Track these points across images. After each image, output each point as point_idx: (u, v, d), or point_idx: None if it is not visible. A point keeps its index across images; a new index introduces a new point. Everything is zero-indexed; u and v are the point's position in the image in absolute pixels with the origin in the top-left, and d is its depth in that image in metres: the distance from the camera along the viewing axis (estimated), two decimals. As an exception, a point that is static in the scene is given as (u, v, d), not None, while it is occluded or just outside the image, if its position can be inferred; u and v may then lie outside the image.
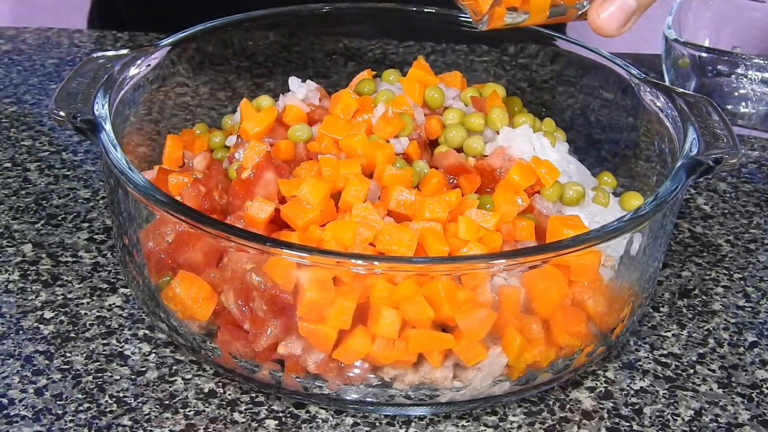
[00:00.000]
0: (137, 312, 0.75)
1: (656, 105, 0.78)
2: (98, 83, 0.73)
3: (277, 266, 0.61)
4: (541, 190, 0.72)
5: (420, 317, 0.61)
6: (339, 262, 0.60)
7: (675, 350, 0.74)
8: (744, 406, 0.70)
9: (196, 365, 0.70)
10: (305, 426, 0.66)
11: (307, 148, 0.73)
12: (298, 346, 0.63)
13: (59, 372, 0.69)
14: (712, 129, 0.73)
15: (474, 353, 0.63)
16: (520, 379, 0.65)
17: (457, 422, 0.67)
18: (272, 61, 0.97)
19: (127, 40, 1.15)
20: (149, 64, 0.79)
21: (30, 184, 0.89)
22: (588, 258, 0.64)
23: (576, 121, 0.90)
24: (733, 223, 0.89)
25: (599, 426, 0.67)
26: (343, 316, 0.61)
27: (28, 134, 0.96)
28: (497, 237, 0.66)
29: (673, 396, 0.70)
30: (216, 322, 0.66)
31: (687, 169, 0.68)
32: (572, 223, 0.67)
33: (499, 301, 0.62)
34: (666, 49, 1.05)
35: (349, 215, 0.66)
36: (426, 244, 0.64)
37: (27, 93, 1.04)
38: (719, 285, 0.81)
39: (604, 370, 0.72)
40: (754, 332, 0.76)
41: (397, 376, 0.64)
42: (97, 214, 0.85)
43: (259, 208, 0.66)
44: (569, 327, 0.65)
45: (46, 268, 0.79)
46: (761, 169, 0.98)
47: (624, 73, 0.82)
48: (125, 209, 0.69)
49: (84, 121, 0.69)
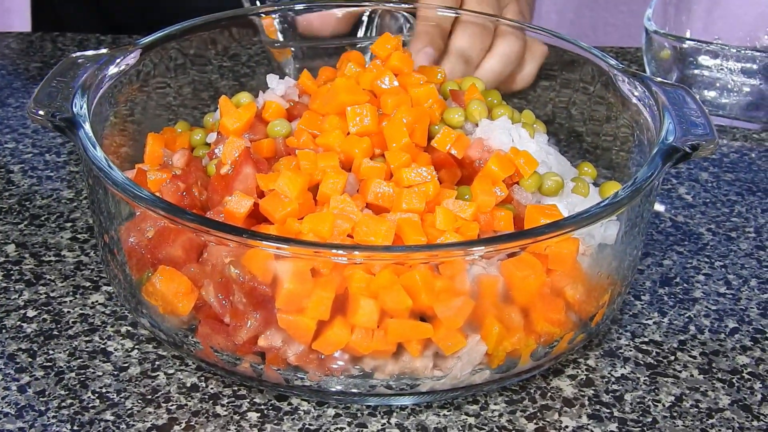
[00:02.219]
0: (120, 309, 0.75)
1: (634, 95, 0.78)
2: (77, 83, 0.74)
3: (254, 258, 0.61)
4: (520, 181, 0.72)
5: (398, 307, 0.61)
6: (317, 252, 0.60)
7: (656, 338, 0.74)
8: (724, 391, 0.70)
9: (178, 360, 0.70)
10: (287, 418, 0.66)
11: (285, 143, 0.74)
12: (278, 338, 0.64)
13: (42, 369, 0.69)
14: (689, 116, 0.73)
15: (453, 342, 0.63)
16: (501, 367, 0.65)
17: (438, 411, 0.67)
18: (255, 60, 0.97)
19: (110, 43, 1.16)
20: (128, 63, 0.80)
21: (13, 185, 0.89)
22: (566, 246, 0.64)
23: (557, 113, 0.90)
24: (715, 212, 0.90)
25: (580, 413, 0.67)
26: (322, 307, 0.61)
27: (11, 137, 0.97)
28: (474, 227, 0.66)
29: (654, 382, 0.70)
30: (197, 317, 0.66)
31: (663, 156, 0.68)
32: (549, 212, 0.68)
33: (477, 289, 0.62)
34: (647, 41, 1.06)
35: (327, 208, 0.66)
36: (403, 235, 0.64)
37: (10, 96, 1.04)
38: (700, 273, 0.82)
39: (585, 358, 0.72)
40: (735, 318, 0.77)
41: (377, 367, 0.64)
42: (80, 213, 0.86)
43: (238, 203, 0.67)
44: (548, 315, 0.65)
45: (29, 267, 0.79)
46: (743, 158, 0.99)
47: (603, 64, 0.83)
48: (105, 207, 0.69)
49: (63, 119, 0.69)
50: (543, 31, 0.88)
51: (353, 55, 0.81)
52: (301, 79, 0.80)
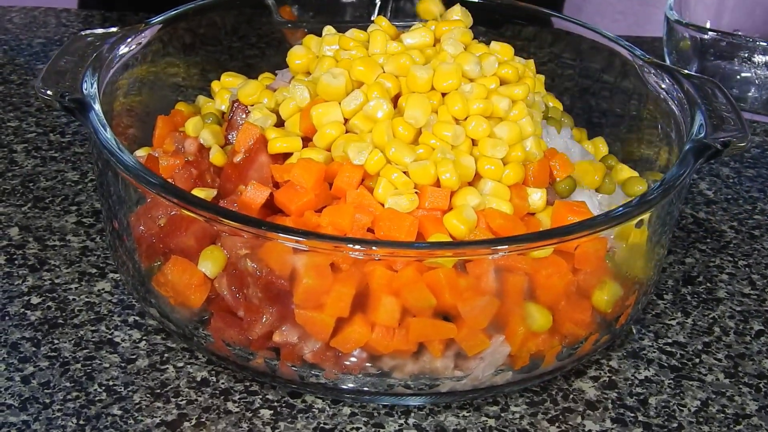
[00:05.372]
0: (127, 298, 0.72)
1: (661, 87, 0.76)
2: (87, 62, 0.71)
3: (272, 251, 0.59)
4: (554, 184, 0.69)
5: (421, 305, 0.59)
6: (337, 246, 0.58)
7: (680, 339, 0.72)
8: (751, 396, 0.68)
9: (188, 353, 0.68)
10: (301, 416, 0.64)
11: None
12: (294, 335, 0.61)
13: (47, 359, 0.67)
14: (719, 112, 0.71)
15: (476, 342, 0.61)
16: (523, 368, 0.63)
17: (457, 412, 0.65)
18: (265, 41, 0.95)
19: (116, 20, 1.13)
20: (140, 43, 0.77)
21: (16, 166, 0.87)
22: (593, 245, 0.62)
23: (576, 104, 0.88)
24: (737, 209, 0.87)
25: (604, 416, 0.65)
26: (342, 304, 0.59)
27: (14, 115, 0.94)
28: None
29: (679, 386, 0.68)
30: (209, 309, 0.64)
31: (695, 153, 0.66)
32: (577, 209, 0.65)
33: (502, 288, 0.60)
34: (667, 31, 1.03)
35: (344, 200, 0.64)
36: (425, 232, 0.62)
37: (13, 73, 1.01)
38: (724, 272, 0.79)
39: (608, 359, 0.70)
40: (760, 320, 0.75)
41: (396, 366, 0.62)
42: (86, 197, 0.83)
43: (255, 193, 0.64)
44: (573, 316, 0.63)
45: (33, 252, 0.76)
46: (764, 154, 0.96)
47: (627, 54, 0.80)
48: (115, 192, 0.66)
49: (72, 100, 0.67)
50: (563, 17, 0.86)
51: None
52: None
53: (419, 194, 0.63)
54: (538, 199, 0.67)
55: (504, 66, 0.70)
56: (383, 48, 0.70)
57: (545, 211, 0.67)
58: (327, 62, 0.70)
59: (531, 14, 0.88)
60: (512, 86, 0.69)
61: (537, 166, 0.67)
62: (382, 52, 0.70)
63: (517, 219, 0.64)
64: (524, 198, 0.66)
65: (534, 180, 0.67)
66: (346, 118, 0.67)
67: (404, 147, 0.64)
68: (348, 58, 0.70)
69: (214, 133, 0.71)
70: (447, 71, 0.67)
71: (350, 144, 0.64)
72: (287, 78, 0.76)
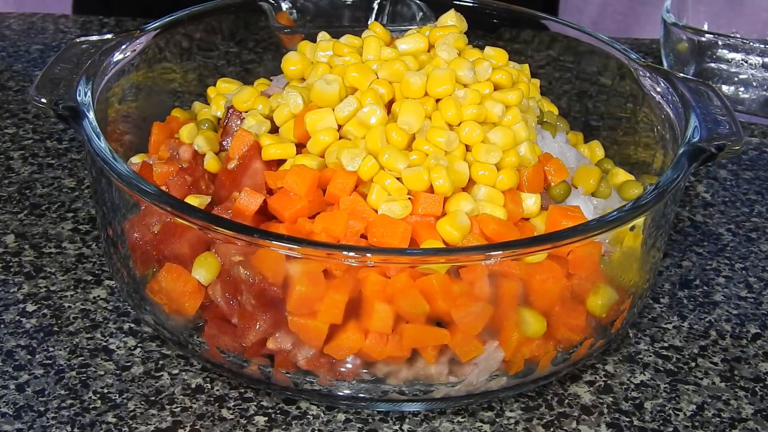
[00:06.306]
0: (122, 305, 0.72)
1: (656, 90, 0.76)
2: (81, 69, 0.71)
3: (265, 259, 0.59)
4: (549, 189, 0.69)
5: (414, 311, 0.59)
6: (330, 253, 0.58)
7: (676, 343, 0.72)
8: (747, 400, 0.68)
9: (183, 360, 0.68)
10: (296, 422, 0.64)
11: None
12: (287, 341, 0.61)
13: (42, 367, 0.67)
14: (713, 115, 0.70)
15: (470, 348, 0.61)
16: (518, 373, 0.63)
17: (452, 418, 0.65)
18: (262, 46, 0.95)
19: (114, 25, 1.13)
20: (135, 50, 0.77)
21: (13, 173, 0.87)
22: (588, 250, 0.62)
23: (572, 107, 0.88)
24: (734, 212, 0.87)
25: (599, 421, 0.65)
26: (335, 311, 0.59)
27: (11, 122, 0.94)
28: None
29: (675, 390, 0.68)
30: (203, 316, 0.64)
31: (689, 157, 0.66)
32: (572, 214, 0.65)
33: (496, 294, 0.60)
34: (665, 33, 1.03)
35: (338, 207, 0.64)
36: (419, 238, 0.62)
37: (11, 80, 1.01)
38: (720, 275, 0.79)
39: (604, 364, 0.70)
40: (757, 324, 0.74)
41: (390, 372, 0.62)
42: (82, 203, 0.83)
43: (249, 200, 0.64)
44: (568, 321, 0.63)
45: (28, 259, 0.76)
46: (762, 156, 0.96)
47: (623, 57, 0.80)
48: (109, 199, 0.66)
49: (66, 108, 0.67)
50: (559, 21, 0.86)
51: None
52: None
53: (412, 200, 0.63)
54: (533, 204, 0.66)
55: (498, 71, 0.69)
56: (377, 54, 0.70)
57: (540, 216, 0.67)
58: (321, 68, 0.70)
59: (526, 18, 0.88)
60: (506, 91, 0.69)
61: (531, 171, 0.67)
62: (376, 58, 0.70)
63: (510, 224, 0.64)
64: (518, 203, 0.66)
65: (528, 185, 0.67)
66: (339, 124, 0.67)
67: (398, 153, 0.64)
68: (342, 64, 0.70)
69: (209, 140, 0.71)
70: (440, 77, 0.67)
71: (344, 150, 0.64)
72: (282, 84, 0.75)
